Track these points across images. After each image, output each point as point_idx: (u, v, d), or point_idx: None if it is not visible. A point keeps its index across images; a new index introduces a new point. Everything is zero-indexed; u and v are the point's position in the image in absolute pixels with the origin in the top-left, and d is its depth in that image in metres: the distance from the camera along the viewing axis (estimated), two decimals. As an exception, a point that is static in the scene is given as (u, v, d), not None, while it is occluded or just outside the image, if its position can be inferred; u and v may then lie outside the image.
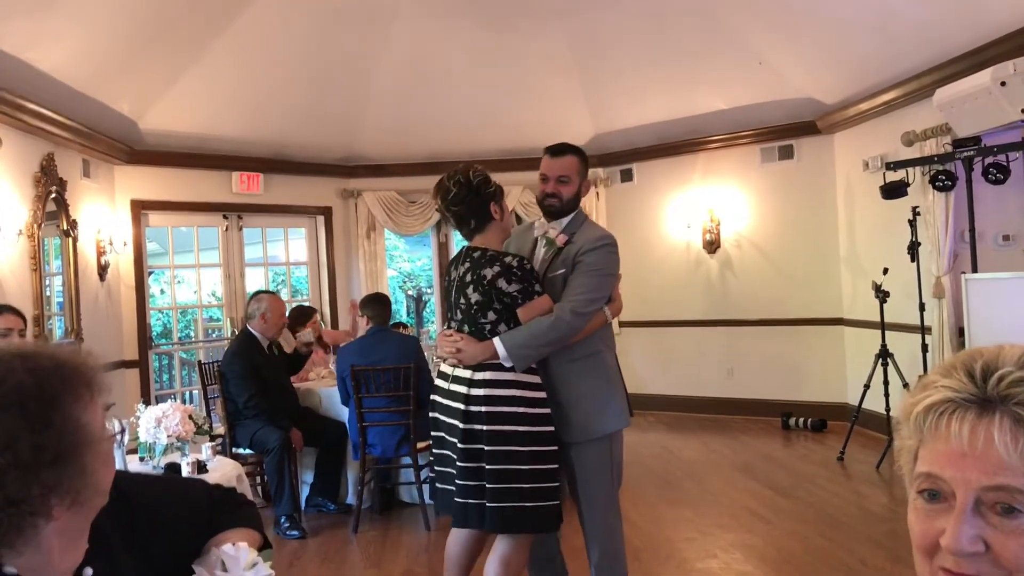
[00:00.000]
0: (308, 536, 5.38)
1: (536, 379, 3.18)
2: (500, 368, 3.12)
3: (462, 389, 3.15)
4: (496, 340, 3.13)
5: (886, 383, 6.33)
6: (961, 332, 5.99)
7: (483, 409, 3.08)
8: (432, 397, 3.36)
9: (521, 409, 3.09)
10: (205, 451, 4.06)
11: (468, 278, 3.21)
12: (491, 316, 3.17)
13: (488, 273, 3.15)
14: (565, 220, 3.39)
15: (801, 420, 7.98)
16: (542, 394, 3.17)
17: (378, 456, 5.51)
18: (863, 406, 6.54)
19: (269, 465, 5.48)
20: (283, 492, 5.39)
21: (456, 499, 3.15)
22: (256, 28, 6.78)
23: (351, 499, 5.83)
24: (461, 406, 3.13)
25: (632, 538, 5.00)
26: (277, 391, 5.75)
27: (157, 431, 3.62)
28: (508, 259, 3.18)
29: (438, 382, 3.35)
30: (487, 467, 3.06)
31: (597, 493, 3.28)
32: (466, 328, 3.22)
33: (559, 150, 3.43)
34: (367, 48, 7.52)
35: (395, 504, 5.95)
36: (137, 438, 3.69)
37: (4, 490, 1.07)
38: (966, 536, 0.85)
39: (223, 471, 3.87)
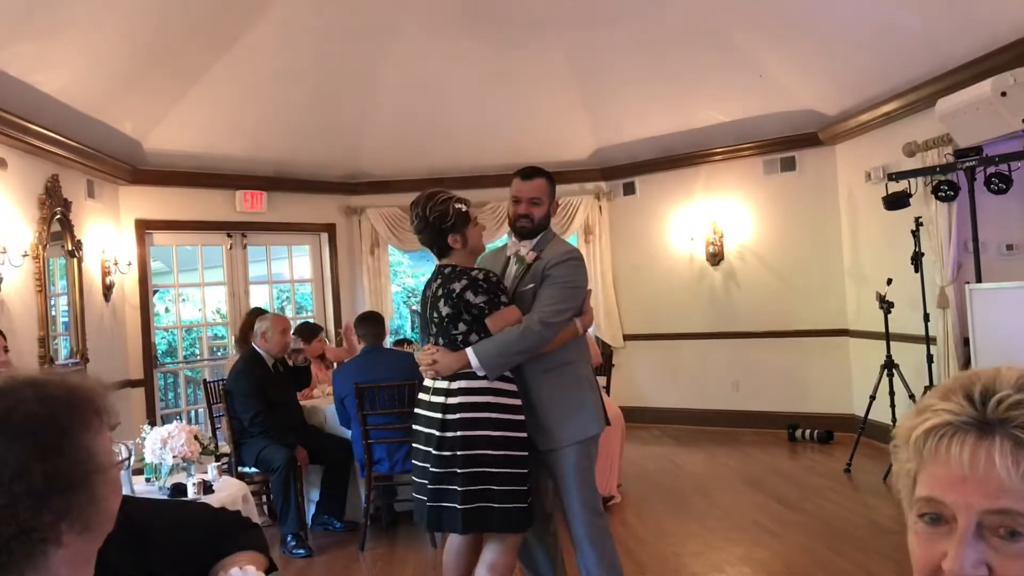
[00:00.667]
0: (315, 554, 5.37)
1: (511, 387, 3.34)
2: (474, 377, 3.28)
3: (440, 399, 3.32)
4: (468, 350, 3.29)
5: (892, 394, 6.32)
6: (966, 342, 5.97)
7: (458, 416, 3.24)
8: (414, 410, 3.51)
9: (495, 415, 3.25)
10: (211, 471, 4.06)
11: (439, 292, 3.39)
12: (461, 327, 3.33)
13: (456, 287, 3.31)
14: (535, 239, 3.56)
15: (807, 432, 7.95)
16: (517, 401, 3.34)
17: (384, 473, 5.50)
18: (869, 417, 6.52)
19: (275, 483, 5.47)
20: (289, 510, 5.38)
21: (428, 504, 3.30)
22: (258, 48, 6.82)
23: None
24: (439, 415, 3.29)
25: (639, 552, 4.99)
26: (283, 409, 5.74)
27: (163, 452, 3.62)
28: (474, 273, 3.36)
29: (420, 395, 3.49)
30: (460, 471, 3.20)
31: (579, 496, 3.41)
32: (440, 341, 3.39)
33: (530, 173, 3.61)
34: (369, 66, 7.56)
35: (401, 521, 5.93)
36: (143, 459, 3.69)
37: (16, 518, 1.08)
38: (969, 560, 0.85)
39: (229, 491, 3.86)
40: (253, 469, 5.68)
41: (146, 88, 6.67)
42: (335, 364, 7.38)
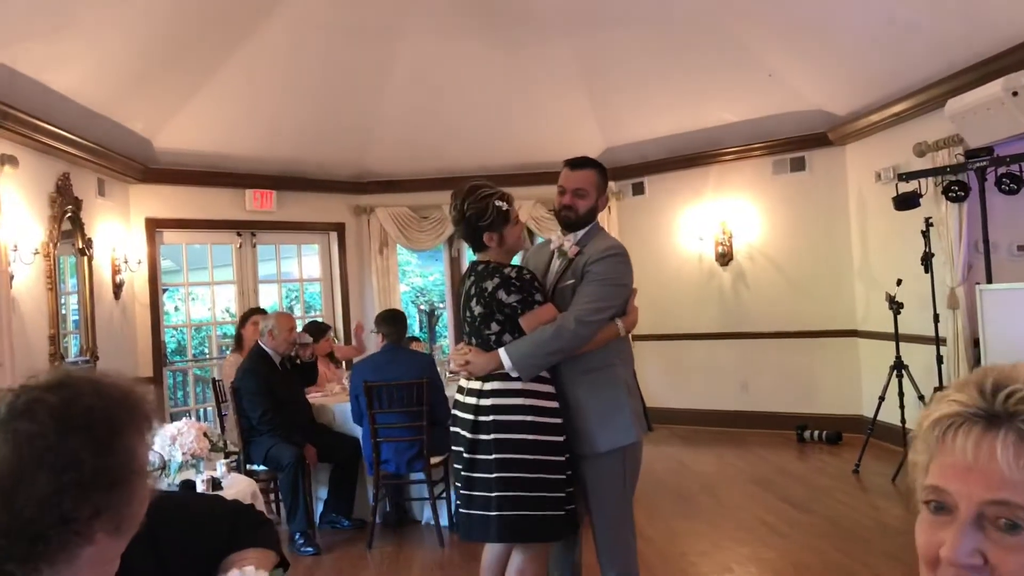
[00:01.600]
0: (322, 552, 5.38)
1: (548, 388, 3.20)
2: (508, 378, 3.15)
3: (472, 400, 3.20)
4: (501, 350, 3.16)
5: (901, 395, 6.30)
6: (976, 343, 5.95)
7: (490, 418, 3.12)
8: (452, 412, 3.39)
9: (529, 418, 3.11)
10: (220, 468, 4.07)
11: (472, 291, 3.27)
12: (494, 327, 3.22)
13: (488, 285, 3.20)
14: (580, 233, 3.41)
15: (816, 433, 7.93)
16: (553, 404, 3.19)
17: (392, 472, 5.50)
18: (878, 418, 6.51)
19: (283, 482, 5.49)
20: (297, 509, 5.40)
21: (460, 510, 3.21)
22: (268, 48, 6.84)
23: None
24: (471, 416, 3.17)
25: (646, 552, 4.98)
26: (290, 407, 5.75)
27: (172, 449, 3.64)
28: (507, 270, 3.22)
29: (456, 396, 3.37)
30: (493, 475, 3.08)
31: (607, 507, 3.27)
32: (474, 341, 3.29)
33: (579, 163, 3.47)
34: (378, 66, 7.57)
35: (409, 520, 5.94)
36: (164, 468, 3.71)
37: (61, 507, 1.10)
38: (964, 548, 0.86)
39: (238, 488, 3.88)
40: (262, 467, 5.69)
41: (157, 87, 6.70)
42: (343, 363, 7.40)
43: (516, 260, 3.49)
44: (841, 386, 8.14)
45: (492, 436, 3.11)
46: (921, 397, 6.14)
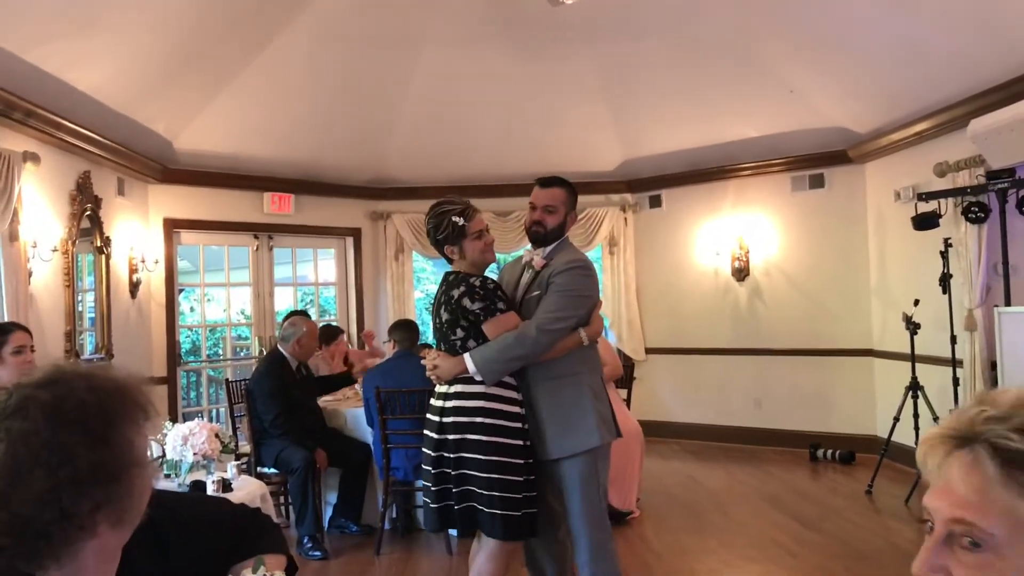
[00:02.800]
0: (331, 557, 5.38)
1: (511, 394, 3.36)
2: (471, 381, 3.33)
3: (439, 403, 3.39)
4: (466, 355, 3.34)
5: (916, 416, 6.25)
6: (993, 366, 5.89)
7: (451, 420, 3.32)
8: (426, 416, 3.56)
9: (488, 420, 3.28)
10: (230, 470, 4.07)
11: (442, 299, 3.46)
12: (459, 333, 3.40)
13: (455, 293, 3.39)
14: (549, 248, 3.61)
15: (829, 452, 7.88)
16: (516, 408, 3.35)
17: (401, 479, 5.50)
18: (892, 439, 6.45)
19: (293, 485, 5.49)
20: (306, 513, 5.40)
21: (431, 505, 3.39)
22: (289, 52, 6.87)
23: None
24: (437, 419, 3.36)
25: (655, 567, 4.95)
26: (304, 411, 5.77)
27: (184, 449, 3.64)
28: (473, 280, 3.40)
29: (431, 401, 3.54)
30: (453, 472, 3.29)
31: (580, 509, 3.38)
32: (442, 346, 3.49)
33: (548, 182, 3.69)
34: (397, 73, 7.59)
35: (417, 527, 5.93)
36: (163, 456, 3.72)
37: (60, 503, 1.11)
38: (927, 564, 0.91)
39: (248, 490, 3.88)
40: (272, 470, 5.70)
41: (178, 88, 6.74)
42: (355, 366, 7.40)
43: (493, 273, 3.67)
44: (856, 405, 8.08)
45: (453, 436, 3.30)
46: (936, 419, 6.08)
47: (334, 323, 8.72)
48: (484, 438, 3.26)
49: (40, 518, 1.10)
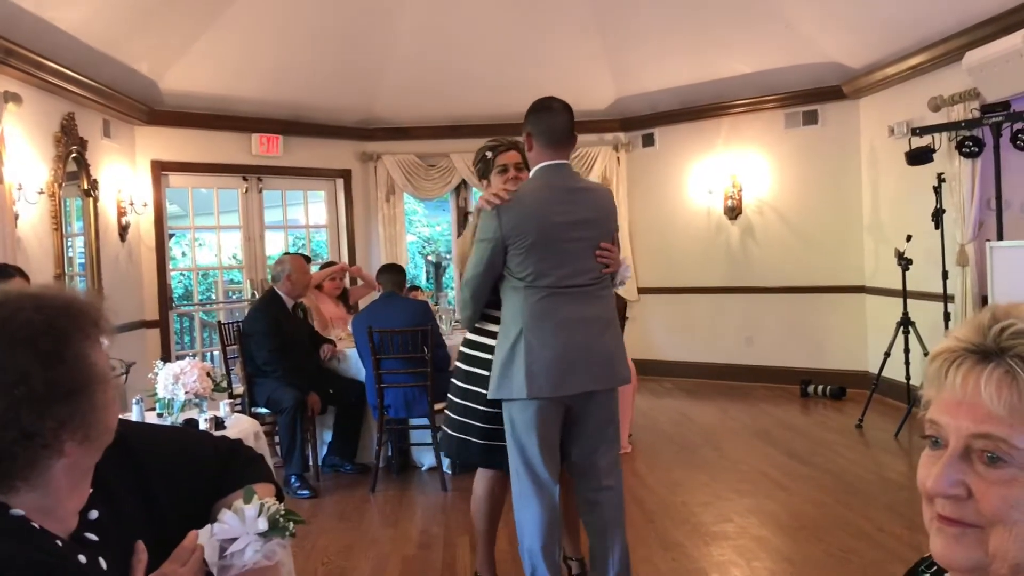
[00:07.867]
0: (324, 495, 5.43)
1: (479, 339, 3.46)
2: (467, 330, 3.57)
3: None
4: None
5: (907, 351, 6.29)
6: (985, 300, 5.91)
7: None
8: None
9: (460, 365, 3.51)
10: (223, 408, 4.08)
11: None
12: None
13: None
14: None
15: (820, 388, 7.93)
16: (481, 354, 3.42)
17: (395, 417, 5.54)
18: (883, 374, 6.50)
19: (281, 424, 5.54)
20: (294, 452, 5.45)
21: (477, 441, 3.53)
22: (276, -12, 6.73)
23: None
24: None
25: (647, 501, 5.01)
26: (297, 350, 5.78)
27: (175, 388, 3.64)
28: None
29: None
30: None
31: (510, 457, 3.28)
32: None
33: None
34: (387, 9, 7.45)
35: (411, 465, 5.99)
36: (155, 394, 3.72)
37: (19, 423, 1.11)
38: (947, 479, 0.89)
39: (241, 427, 3.88)
40: (265, 410, 5.72)
41: (163, 27, 6.60)
42: (357, 304, 7.42)
43: None
44: (847, 342, 8.12)
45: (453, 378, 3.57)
46: (927, 353, 6.10)
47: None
48: (455, 382, 3.51)
49: (2, 438, 1.11)
